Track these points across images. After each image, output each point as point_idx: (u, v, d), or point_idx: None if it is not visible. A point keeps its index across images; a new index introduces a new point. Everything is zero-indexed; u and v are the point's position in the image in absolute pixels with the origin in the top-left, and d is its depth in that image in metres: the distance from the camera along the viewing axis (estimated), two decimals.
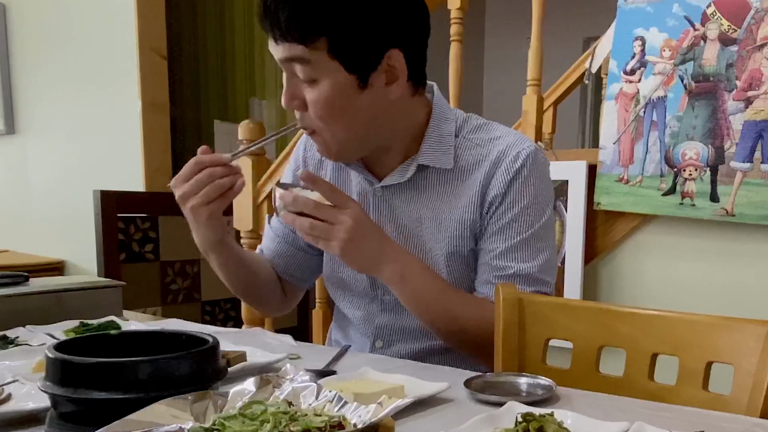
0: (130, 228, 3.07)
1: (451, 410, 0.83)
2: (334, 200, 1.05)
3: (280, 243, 1.36)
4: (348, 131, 1.11)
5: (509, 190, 1.14)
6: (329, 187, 1.07)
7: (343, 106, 1.07)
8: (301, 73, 1.05)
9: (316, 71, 1.04)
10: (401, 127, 1.16)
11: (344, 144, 1.13)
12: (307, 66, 1.04)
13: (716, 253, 1.79)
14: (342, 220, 1.04)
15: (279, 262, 1.37)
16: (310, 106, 1.08)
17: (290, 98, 1.09)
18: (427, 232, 1.18)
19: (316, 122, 1.09)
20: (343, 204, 1.06)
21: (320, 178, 1.08)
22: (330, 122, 1.09)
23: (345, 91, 1.06)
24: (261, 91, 3.77)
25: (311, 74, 1.05)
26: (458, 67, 2.12)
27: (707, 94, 1.73)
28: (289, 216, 1.05)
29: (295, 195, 1.04)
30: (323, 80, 1.05)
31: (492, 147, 1.16)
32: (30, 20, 3.73)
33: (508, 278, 1.14)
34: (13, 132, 3.89)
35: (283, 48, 1.04)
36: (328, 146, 1.13)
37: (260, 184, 2.45)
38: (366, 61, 1.06)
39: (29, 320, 1.23)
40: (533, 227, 1.15)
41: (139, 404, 0.63)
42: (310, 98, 1.07)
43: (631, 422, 0.73)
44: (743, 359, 0.93)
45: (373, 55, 1.06)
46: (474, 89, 5.66)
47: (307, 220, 1.04)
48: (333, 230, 1.04)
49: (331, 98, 1.06)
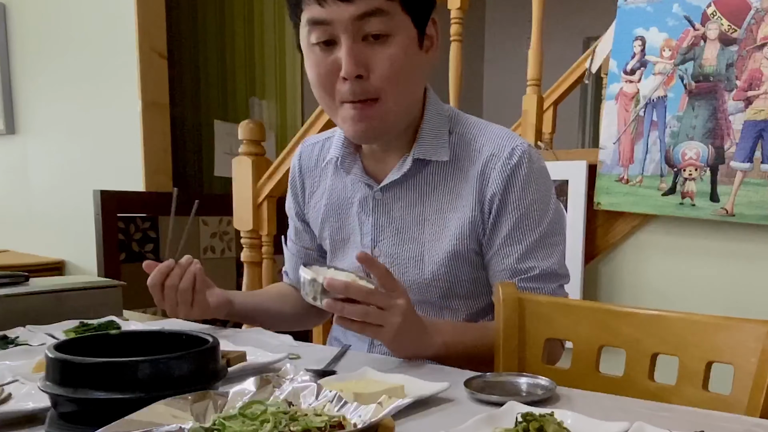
0: (130, 228, 3.07)
1: (451, 410, 0.83)
2: (386, 284, 1.00)
3: (298, 261, 1.39)
4: (409, 95, 1.12)
5: (509, 189, 1.14)
6: (385, 270, 1.01)
7: (412, 64, 1.09)
8: (376, 27, 1.04)
9: (391, 25, 1.05)
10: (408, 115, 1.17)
11: (405, 110, 1.13)
12: (385, 18, 1.04)
13: (716, 253, 1.79)
14: (395, 304, 0.99)
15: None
16: (380, 66, 1.06)
17: (356, 62, 1.05)
18: (427, 233, 1.18)
19: (383, 85, 1.07)
20: (395, 287, 1.01)
21: (377, 261, 1.02)
22: (398, 83, 1.08)
23: (412, 49, 1.09)
24: (261, 91, 3.77)
25: (387, 28, 1.05)
26: (458, 67, 2.12)
27: (707, 94, 1.73)
28: (337, 305, 0.96)
29: (346, 283, 0.96)
30: (396, 35, 1.06)
31: (485, 143, 1.17)
32: (30, 20, 3.73)
33: (533, 279, 1.15)
34: (13, 132, 3.89)
35: (357, 4, 1.03)
36: (387, 116, 1.10)
37: (260, 184, 2.45)
38: (425, 18, 1.10)
39: (29, 320, 1.23)
40: (543, 223, 1.15)
41: (139, 404, 0.63)
42: (382, 56, 1.05)
43: (631, 422, 0.73)
44: (743, 359, 0.93)
45: (428, 13, 1.11)
46: (474, 89, 5.66)
47: (361, 306, 0.97)
48: (385, 315, 0.99)
49: (405, 54, 1.07)
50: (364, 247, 1.23)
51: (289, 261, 1.44)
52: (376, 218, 1.21)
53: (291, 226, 1.41)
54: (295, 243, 1.41)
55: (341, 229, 1.27)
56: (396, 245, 1.21)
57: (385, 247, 1.22)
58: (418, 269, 1.19)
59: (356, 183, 1.24)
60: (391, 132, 1.16)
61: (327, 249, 1.32)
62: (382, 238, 1.22)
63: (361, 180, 1.22)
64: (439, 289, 1.19)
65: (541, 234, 1.15)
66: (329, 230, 1.29)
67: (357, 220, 1.24)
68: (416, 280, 1.19)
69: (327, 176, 1.28)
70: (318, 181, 1.31)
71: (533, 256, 1.15)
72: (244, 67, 3.82)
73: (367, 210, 1.22)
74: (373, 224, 1.22)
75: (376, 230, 1.22)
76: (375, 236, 1.22)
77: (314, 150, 1.33)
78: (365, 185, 1.22)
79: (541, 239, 1.15)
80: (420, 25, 1.09)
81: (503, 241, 1.15)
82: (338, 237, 1.28)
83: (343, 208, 1.26)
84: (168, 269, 1.18)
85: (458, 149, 1.18)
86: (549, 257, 1.16)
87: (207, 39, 3.91)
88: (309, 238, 1.37)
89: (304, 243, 1.39)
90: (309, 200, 1.33)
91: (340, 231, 1.28)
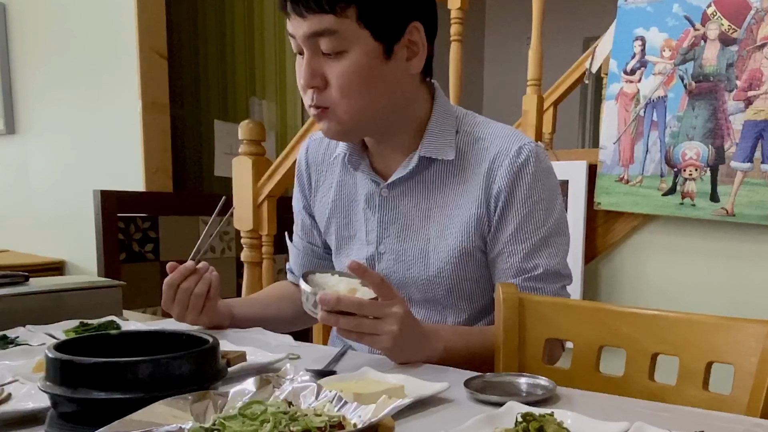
0: (130, 228, 3.07)
1: (451, 410, 0.83)
2: (382, 293, 1.00)
3: (303, 257, 1.40)
4: (367, 104, 1.11)
5: (516, 187, 1.14)
6: (380, 279, 1.01)
7: (368, 77, 1.08)
8: (327, 46, 1.05)
9: (345, 42, 1.05)
10: (406, 119, 1.17)
11: (359, 118, 1.12)
12: (335, 37, 1.05)
13: (716, 253, 1.79)
14: (391, 312, 0.99)
15: None
16: (335, 80, 1.07)
17: (312, 75, 1.08)
18: (432, 230, 1.19)
19: (336, 97, 1.09)
20: (391, 295, 1.01)
21: (369, 270, 1.02)
22: (352, 95, 1.08)
23: (372, 61, 1.07)
24: (261, 91, 3.77)
25: (338, 45, 1.05)
26: (458, 67, 2.12)
27: (707, 94, 1.73)
28: (331, 317, 0.98)
29: (338, 297, 0.97)
30: (351, 50, 1.06)
31: (492, 140, 1.17)
32: (30, 20, 3.73)
33: (537, 279, 1.15)
34: (13, 132, 3.89)
35: (310, 22, 1.04)
36: (342, 122, 1.12)
37: (260, 184, 2.45)
38: (392, 29, 1.08)
39: (29, 320, 1.23)
40: (548, 222, 1.16)
41: (139, 404, 0.63)
42: (336, 71, 1.07)
43: (631, 422, 0.73)
44: (743, 359, 0.93)
45: (399, 24, 1.09)
46: (474, 89, 5.66)
47: (355, 318, 0.98)
48: (381, 324, 0.99)
49: (359, 68, 1.07)
50: (369, 243, 1.24)
51: (294, 257, 1.43)
52: (382, 215, 1.22)
53: (297, 222, 1.41)
54: (301, 238, 1.40)
55: (348, 226, 1.28)
56: (401, 242, 1.21)
57: (390, 243, 1.22)
58: (423, 266, 1.19)
59: (363, 179, 1.24)
60: (366, 132, 1.18)
61: (332, 245, 1.32)
62: (387, 235, 1.22)
63: (368, 176, 1.22)
64: (443, 287, 1.19)
65: (546, 233, 1.15)
66: (335, 226, 1.29)
67: (363, 217, 1.25)
68: (421, 276, 1.20)
69: (335, 172, 1.29)
70: (324, 175, 1.31)
71: (538, 254, 1.15)
72: (244, 67, 3.82)
73: (374, 206, 1.22)
74: (379, 221, 1.22)
75: (381, 227, 1.22)
76: (380, 233, 1.22)
77: (321, 144, 1.33)
78: (372, 182, 1.22)
79: (546, 238, 1.15)
80: (383, 37, 1.07)
81: (508, 239, 1.16)
82: (344, 233, 1.28)
83: (350, 204, 1.27)
84: (188, 272, 1.19)
85: (465, 147, 1.18)
86: (553, 256, 1.16)
87: (207, 39, 3.91)
88: (316, 234, 1.38)
89: (310, 238, 1.39)
90: (316, 194, 1.33)
91: (346, 227, 1.28)
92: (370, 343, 1.02)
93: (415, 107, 1.18)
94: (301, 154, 1.35)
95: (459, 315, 1.22)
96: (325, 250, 1.37)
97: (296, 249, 1.42)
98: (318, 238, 1.37)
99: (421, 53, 1.12)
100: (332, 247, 1.33)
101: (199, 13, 3.91)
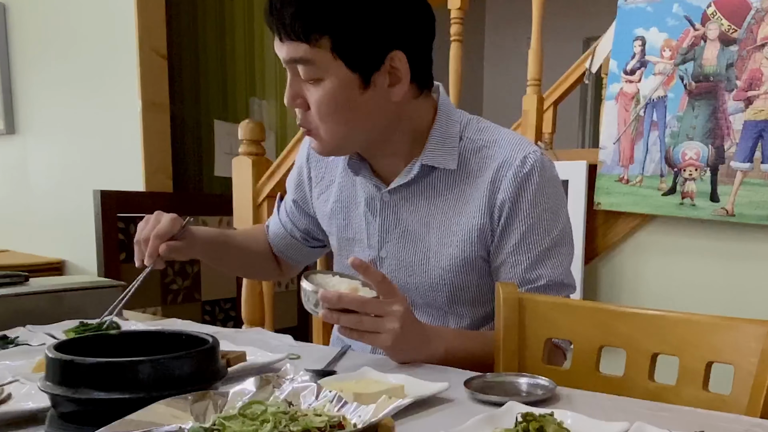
0: (130, 228, 3.07)
1: (451, 410, 0.83)
2: (383, 291, 1.01)
3: (281, 229, 1.45)
4: (347, 129, 1.11)
5: (520, 197, 1.13)
6: (381, 277, 1.02)
7: (345, 105, 1.07)
8: (304, 73, 1.06)
9: (320, 71, 1.05)
10: (405, 129, 1.16)
11: (341, 141, 1.13)
12: (311, 66, 1.05)
13: (716, 253, 1.79)
14: (392, 311, 1.00)
15: (276, 243, 1.47)
16: (313, 105, 1.08)
17: (293, 98, 1.09)
18: (434, 237, 1.18)
19: (317, 121, 1.09)
20: (392, 294, 1.02)
21: (371, 267, 1.03)
22: (331, 121, 1.09)
23: (347, 90, 1.06)
24: (261, 91, 3.77)
25: (314, 74, 1.05)
26: (458, 67, 2.12)
27: (707, 94, 1.73)
28: (332, 315, 0.99)
29: (339, 295, 0.98)
30: (326, 79, 1.05)
31: (497, 149, 1.15)
32: (30, 20, 3.73)
33: (539, 290, 1.14)
34: (13, 132, 3.89)
35: (287, 48, 1.05)
36: (325, 143, 1.13)
37: (260, 184, 2.45)
38: (369, 60, 1.06)
39: (29, 320, 1.23)
40: (553, 232, 1.15)
41: (139, 404, 0.63)
42: (314, 98, 1.07)
43: (631, 422, 0.73)
44: (743, 359, 0.93)
45: (376, 55, 1.06)
46: (474, 89, 5.66)
47: (355, 315, 0.99)
48: (383, 322, 1.00)
49: (333, 97, 1.06)
50: (371, 247, 1.24)
51: (275, 225, 1.47)
52: (383, 219, 1.21)
53: (288, 199, 1.42)
54: (288, 217, 1.43)
55: (348, 228, 1.28)
56: (402, 247, 1.21)
57: (391, 248, 1.22)
58: (424, 272, 1.19)
59: (364, 184, 1.24)
60: (356, 149, 1.18)
61: (334, 246, 1.32)
62: (388, 240, 1.22)
63: (369, 181, 1.22)
64: (444, 294, 1.19)
65: (550, 243, 1.14)
66: (336, 227, 1.29)
67: (364, 220, 1.24)
68: (422, 283, 1.19)
69: (336, 171, 1.29)
70: (324, 172, 1.31)
71: (542, 265, 1.14)
72: (244, 67, 3.82)
73: (375, 211, 1.22)
74: (380, 225, 1.22)
75: (383, 232, 1.22)
76: (382, 237, 1.22)
77: None
78: (373, 186, 1.22)
79: (550, 249, 1.14)
80: (359, 68, 1.06)
81: (512, 249, 1.14)
82: (345, 235, 1.28)
83: (351, 206, 1.27)
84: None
85: (468, 155, 1.17)
86: (557, 267, 1.15)
87: (207, 39, 3.90)
88: (300, 221, 1.41)
89: (295, 220, 1.42)
90: (314, 188, 1.34)
91: (346, 229, 1.28)
92: (370, 342, 1.02)
93: (412, 120, 1.16)
94: (304, 147, 1.36)
95: (461, 321, 1.22)
96: (305, 242, 1.43)
97: (278, 219, 1.46)
98: (301, 225, 1.41)
99: (404, 80, 1.09)
100: (333, 247, 1.33)
101: (199, 13, 3.91)
